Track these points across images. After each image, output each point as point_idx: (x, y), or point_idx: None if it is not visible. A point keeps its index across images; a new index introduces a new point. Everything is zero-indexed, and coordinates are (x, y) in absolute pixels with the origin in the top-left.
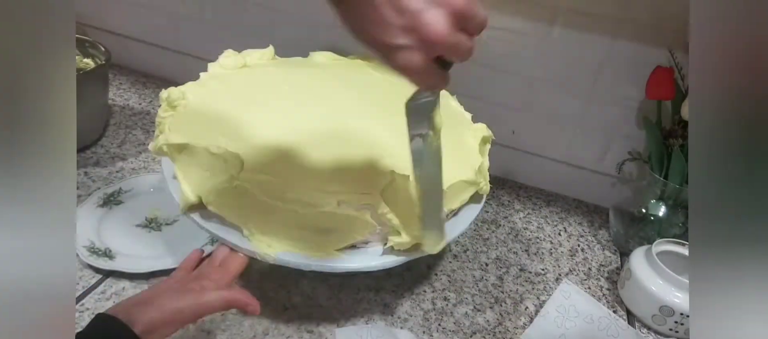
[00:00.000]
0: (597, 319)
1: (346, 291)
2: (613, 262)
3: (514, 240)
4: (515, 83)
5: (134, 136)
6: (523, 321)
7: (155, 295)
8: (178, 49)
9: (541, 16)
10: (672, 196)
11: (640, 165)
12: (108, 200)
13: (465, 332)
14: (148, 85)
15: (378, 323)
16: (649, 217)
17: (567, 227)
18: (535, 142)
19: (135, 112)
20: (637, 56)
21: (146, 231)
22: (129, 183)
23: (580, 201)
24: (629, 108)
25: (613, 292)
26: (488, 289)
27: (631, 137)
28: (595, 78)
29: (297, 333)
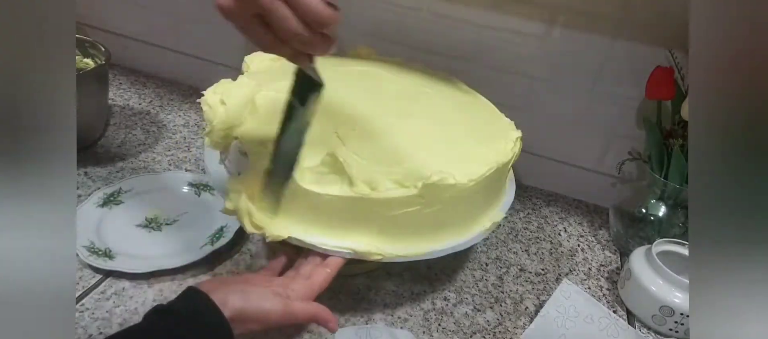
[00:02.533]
0: (597, 319)
1: (346, 291)
2: (613, 262)
3: (514, 240)
4: (515, 83)
5: (134, 136)
6: (523, 321)
7: (247, 288)
8: (178, 49)
9: (541, 16)
10: (672, 196)
11: (640, 165)
12: (108, 200)
13: (465, 332)
14: (148, 85)
15: (378, 323)
16: (649, 217)
17: (567, 227)
18: (535, 142)
19: (135, 112)
20: (637, 56)
21: (146, 231)
22: (129, 183)
23: (580, 201)
24: (629, 108)
25: (613, 292)
26: (488, 289)
27: (631, 137)
28: (595, 78)
29: (297, 333)
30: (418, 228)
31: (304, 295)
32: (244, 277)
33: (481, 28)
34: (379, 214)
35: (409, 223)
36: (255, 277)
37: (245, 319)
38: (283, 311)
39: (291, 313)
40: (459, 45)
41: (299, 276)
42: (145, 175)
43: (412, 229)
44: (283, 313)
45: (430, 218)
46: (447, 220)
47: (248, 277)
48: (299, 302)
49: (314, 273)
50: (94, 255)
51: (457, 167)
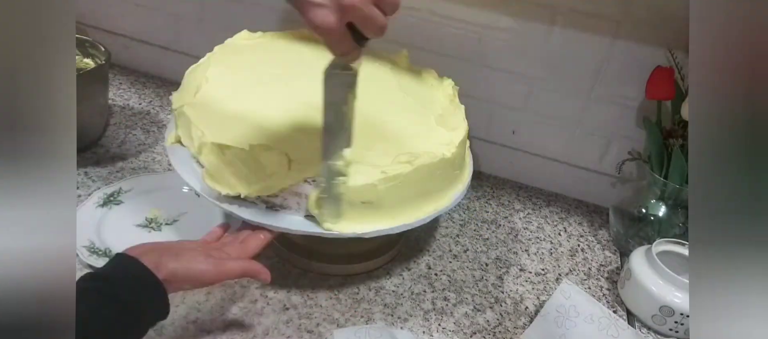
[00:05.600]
0: (597, 319)
1: (346, 291)
2: (613, 262)
3: (514, 240)
4: (515, 83)
5: (134, 136)
6: (523, 321)
7: (180, 251)
8: (178, 49)
9: (541, 16)
10: (672, 196)
11: (640, 165)
12: (108, 200)
13: (465, 332)
14: (148, 85)
15: (378, 323)
16: (649, 217)
17: (567, 227)
18: (535, 142)
19: (135, 112)
20: (637, 56)
21: (146, 231)
22: (129, 183)
23: (580, 201)
24: (629, 108)
25: (613, 292)
26: (488, 289)
27: (631, 137)
28: (595, 78)
29: (297, 333)
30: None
31: (237, 256)
32: (179, 242)
33: (481, 28)
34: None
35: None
36: (191, 243)
37: (179, 279)
38: (215, 270)
39: (223, 272)
40: (459, 45)
41: (234, 241)
42: (145, 175)
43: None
44: (215, 273)
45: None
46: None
47: (183, 243)
48: (231, 261)
49: (249, 237)
50: (94, 255)
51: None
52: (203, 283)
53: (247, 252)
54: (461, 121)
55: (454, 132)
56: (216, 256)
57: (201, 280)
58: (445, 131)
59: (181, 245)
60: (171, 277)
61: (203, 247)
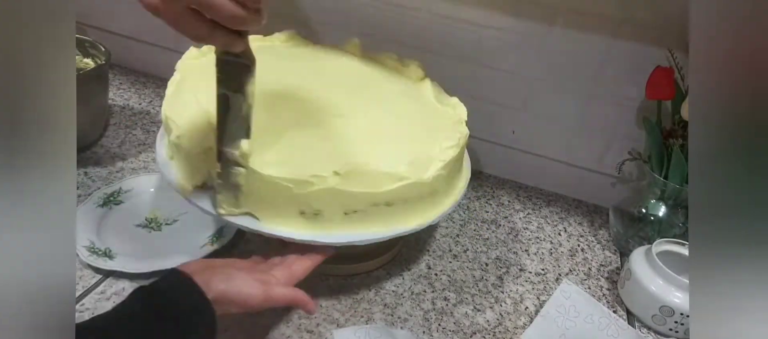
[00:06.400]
0: (597, 319)
1: (346, 291)
2: (613, 262)
3: (514, 240)
4: (515, 83)
5: (134, 136)
6: (523, 321)
7: (230, 272)
8: (178, 49)
9: (541, 16)
10: (672, 196)
11: (640, 165)
12: (108, 200)
13: (465, 332)
14: (148, 85)
15: (378, 323)
16: (649, 217)
17: (567, 227)
18: (535, 142)
19: (135, 112)
20: (637, 56)
21: (146, 231)
22: (129, 183)
23: (580, 201)
24: (629, 108)
25: (613, 292)
26: (488, 289)
27: (631, 137)
28: (595, 78)
29: (297, 333)
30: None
31: (284, 281)
32: (230, 262)
33: (481, 28)
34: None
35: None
36: (239, 262)
37: (227, 301)
38: (263, 296)
39: (270, 298)
40: (459, 45)
41: (282, 264)
42: (145, 175)
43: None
44: (263, 299)
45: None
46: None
47: (233, 262)
48: (281, 287)
49: (296, 262)
50: (94, 255)
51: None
52: (249, 307)
53: (294, 276)
54: (459, 122)
55: (450, 137)
56: (264, 279)
57: (248, 304)
58: (443, 136)
59: (231, 265)
60: (220, 297)
61: (250, 267)
